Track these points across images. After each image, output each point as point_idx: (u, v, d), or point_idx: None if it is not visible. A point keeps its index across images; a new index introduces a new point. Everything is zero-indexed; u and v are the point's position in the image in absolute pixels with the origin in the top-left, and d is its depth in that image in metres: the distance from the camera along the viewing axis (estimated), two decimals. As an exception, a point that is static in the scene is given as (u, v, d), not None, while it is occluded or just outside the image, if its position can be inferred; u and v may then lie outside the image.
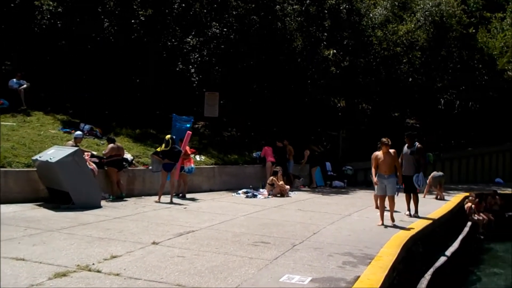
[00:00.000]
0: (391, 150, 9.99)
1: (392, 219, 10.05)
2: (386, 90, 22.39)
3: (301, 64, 19.75)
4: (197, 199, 13.16)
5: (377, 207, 11.22)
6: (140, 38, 18.13)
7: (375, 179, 10.11)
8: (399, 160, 10.96)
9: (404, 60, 21.56)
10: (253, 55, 18.75)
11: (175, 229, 8.72)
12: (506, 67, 25.64)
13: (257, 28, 18.77)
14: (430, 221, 11.03)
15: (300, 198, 14.43)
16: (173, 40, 19.32)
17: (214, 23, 18.38)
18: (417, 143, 11.48)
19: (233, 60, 18.42)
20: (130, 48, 18.20)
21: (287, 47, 19.22)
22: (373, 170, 10.15)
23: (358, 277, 6.20)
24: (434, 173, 16.17)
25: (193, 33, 18.62)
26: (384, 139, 10.00)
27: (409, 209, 11.47)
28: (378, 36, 21.12)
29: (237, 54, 18.41)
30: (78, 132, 13.15)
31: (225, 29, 18.22)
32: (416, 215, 11.32)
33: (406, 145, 11.53)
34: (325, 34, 20.08)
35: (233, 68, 18.49)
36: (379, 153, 10.07)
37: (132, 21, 17.62)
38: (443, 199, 15.26)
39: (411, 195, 11.42)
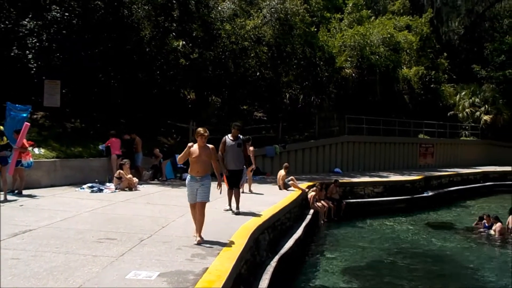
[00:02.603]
0: (209, 145, 7.92)
1: (199, 232, 7.70)
2: (235, 83, 22.83)
3: (149, 54, 19.27)
4: (36, 196, 12.10)
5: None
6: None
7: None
8: (219, 153, 10.35)
9: (252, 55, 22.16)
10: (98, 42, 17.83)
11: (8, 229, 7.92)
12: (344, 65, 27.68)
13: (102, 14, 17.89)
14: (277, 211, 11.42)
15: (149, 192, 14.08)
16: (7, 22, 17.60)
17: (54, 6, 17.09)
18: (241, 136, 10.96)
19: (76, 47, 17.33)
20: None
21: (135, 35, 18.62)
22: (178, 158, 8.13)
23: (207, 268, 6.19)
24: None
25: (30, 15, 17.13)
26: (201, 129, 7.83)
27: (230, 205, 10.77)
28: (227, 30, 21.41)
29: (80, 40, 17.35)
30: None
31: (66, 14, 17.05)
32: (238, 212, 10.57)
33: (230, 136, 10.76)
34: (174, 24, 19.83)
35: (76, 55, 17.40)
36: (195, 146, 7.85)
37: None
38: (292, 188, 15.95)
39: (233, 190, 10.73)
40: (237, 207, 10.68)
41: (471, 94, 37.53)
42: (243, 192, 11.56)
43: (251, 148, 16.00)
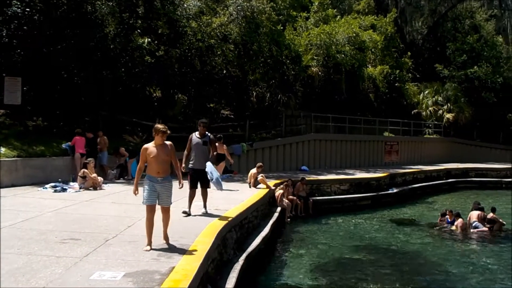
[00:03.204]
0: (168, 143, 7.44)
1: (166, 238, 7.49)
2: (202, 81, 22.69)
3: (114, 51, 18.96)
4: (-4, 196, 11.78)
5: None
6: None
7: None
8: (185, 151, 10.24)
9: (218, 53, 22.03)
10: (61, 39, 17.44)
11: (-34, 230, 7.67)
12: (310, 64, 27.85)
13: (64, 10, 17.50)
14: (244, 209, 11.40)
15: (115, 191, 13.86)
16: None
17: (15, 1, 16.62)
18: (208, 133, 10.42)
19: (38, 43, 16.90)
20: None
21: (99, 32, 18.28)
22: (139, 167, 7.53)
23: (173, 267, 6.13)
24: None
25: (-11, 11, 16.63)
26: (160, 126, 7.35)
27: (190, 208, 10.12)
28: (193, 27, 21.22)
29: (42, 37, 16.93)
30: None
31: (27, 9, 16.60)
32: (205, 212, 10.22)
33: (197, 134, 10.28)
34: (139, 21, 19.56)
35: (38, 52, 16.98)
36: (150, 146, 7.33)
37: None
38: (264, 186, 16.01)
39: (195, 190, 10.21)
40: (205, 206, 10.33)
41: (434, 93, 38.37)
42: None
43: (224, 146, 16.22)
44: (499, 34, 48.11)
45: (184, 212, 9.97)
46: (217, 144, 15.58)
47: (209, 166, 10.16)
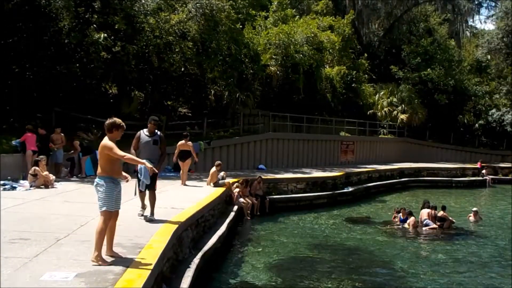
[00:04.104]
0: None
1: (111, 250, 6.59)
2: (159, 78, 22.42)
3: (68, 46, 18.49)
4: None
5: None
6: None
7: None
8: (132, 149, 9.27)
9: (177, 50, 21.77)
10: (13, 32, 16.88)
11: None
12: (269, 63, 27.95)
13: (16, 2, 16.94)
14: (201, 207, 11.33)
15: (67, 189, 13.51)
16: None
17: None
18: (159, 132, 9.64)
19: (-12, 36, 16.36)
20: None
21: (53, 26, 17.78)
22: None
23: (127, 267, 6.01)
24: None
25: None
26: (118, 120, 6.71)
27: (143, 207, 9.52)
28: (151, 24, 20.90)
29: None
30: None
31: (-23, 1, 16.03)
32: (152, 218, 9.18)
33: (146, 131, 9.54)
34: (95, 16, 19.13)
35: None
36: (113, 144, 6.49)
37: None
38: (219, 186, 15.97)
39: (144, 193, 9.38)
40: (152, 213, 9.29)
41: (389, 94, 39.21)
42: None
43: (190, 143, 16.13)
44: (452, 38, 49.57)
45: (140, 215, 9.34)
46: (183, 141, 15.75)
47: (143, 169, 8.91)
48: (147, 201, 9.42)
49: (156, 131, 9.54)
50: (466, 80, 43.42)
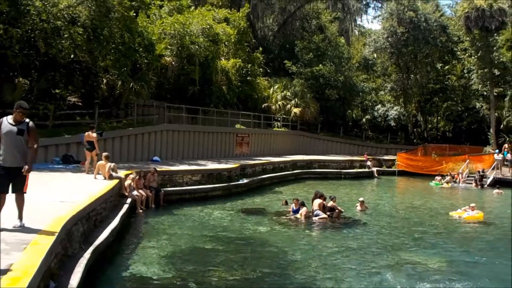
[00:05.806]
0: None
1: None
2: (46, 65, 21.16)
3: None
4: None
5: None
6: None
7: None
8: None
9: (66, 35, 20.64)
10: None
11: None
12: (164, 53, 27.49)
13: None
14: (92, 200, 10.90)
15: None
16: None
17: None
18: (28, 120, 7.81)
19: None
20: None
21: None
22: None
23: (12, 264, 5.62)
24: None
25: None
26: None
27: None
28: (37, 6, 19.61)
29: None
30: None
31: None
32: (22, 225, 7.83)
33: (9, 119, 7.72)
34: (-26, -5, 17.63)
35: None
36: None
37: None
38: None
39: (5, 196, 7.66)
40: (20, 218, 7.89)
41: (283, 88, 40.27)
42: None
43: (94, 135, 16.47)
44: (342, 36, 51.93)
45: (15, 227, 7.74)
46: (89, 132, 16.25)
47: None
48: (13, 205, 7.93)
49: (25, 119, 7.74)
50: (354, 76, 45.90)
